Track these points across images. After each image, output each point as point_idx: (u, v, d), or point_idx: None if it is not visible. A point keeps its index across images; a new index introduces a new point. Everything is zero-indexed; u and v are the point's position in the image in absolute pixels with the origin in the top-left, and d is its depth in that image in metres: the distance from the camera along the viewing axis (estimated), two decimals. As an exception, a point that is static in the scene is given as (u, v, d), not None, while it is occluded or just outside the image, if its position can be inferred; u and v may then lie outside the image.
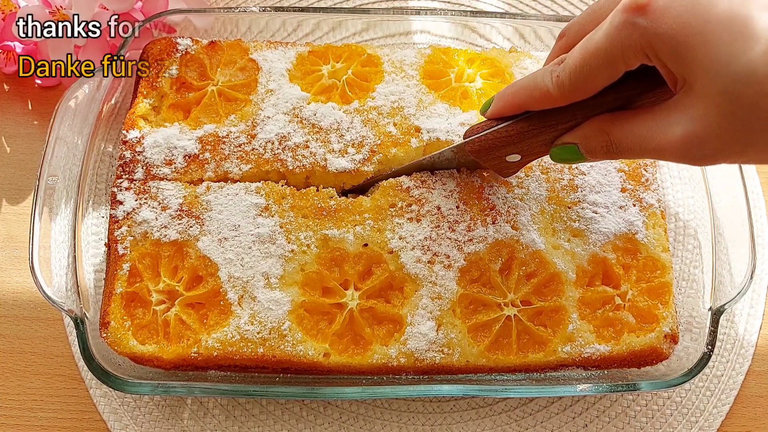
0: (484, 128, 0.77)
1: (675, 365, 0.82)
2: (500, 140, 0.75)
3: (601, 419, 0.90)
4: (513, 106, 0.73)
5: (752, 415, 0.92)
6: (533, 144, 0.74)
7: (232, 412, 0.89)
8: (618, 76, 0.63)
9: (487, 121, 0.77)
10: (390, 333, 0.82)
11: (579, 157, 0.71)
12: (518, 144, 0.75)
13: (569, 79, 0.65)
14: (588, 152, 0.70)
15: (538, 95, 0.69)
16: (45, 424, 0.88)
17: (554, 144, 0.73)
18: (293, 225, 0.84)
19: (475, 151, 0.79)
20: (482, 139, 0.77)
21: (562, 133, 0.72)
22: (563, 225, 0.86)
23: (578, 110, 0.69)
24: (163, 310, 0.81)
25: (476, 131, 0.78)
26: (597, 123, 0.68)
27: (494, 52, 0.98)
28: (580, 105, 0.68)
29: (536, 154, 0.77)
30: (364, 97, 0.92)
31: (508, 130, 0.74)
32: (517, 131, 0.74)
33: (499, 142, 0.76)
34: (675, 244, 0.98)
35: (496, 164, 0.81)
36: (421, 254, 0.83)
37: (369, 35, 1.06)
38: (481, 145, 0.77)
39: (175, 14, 0.95)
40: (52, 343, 0.91)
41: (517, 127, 0.73)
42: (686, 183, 1.01)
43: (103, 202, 0.95)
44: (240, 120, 0.90)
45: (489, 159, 0.79)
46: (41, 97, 1.06)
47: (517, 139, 0.74)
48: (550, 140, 0.73)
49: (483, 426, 0.89)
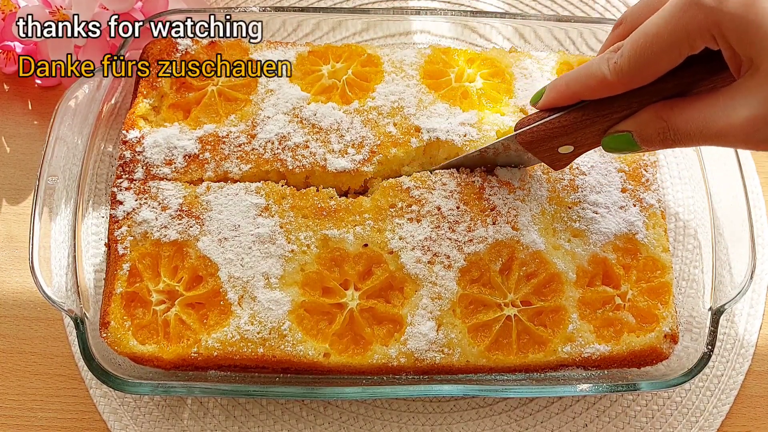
0: (535, 119, 0.76)
1: (675, 365, 0.83)
2: (553, 131, 0.74)
3: (601, 419, 0.90)
4: (566, 96, 0.72)
5: (752, 415, 0.92)
6: (586, 134, 0.73)
7: (232, 412, 0.89)
8: (679, 61, 0.62)
9: (537, 113, 0.76)
10: (390, 333, 0.82)
11: (633, 146, 0.70)
12: (571, 134, 0.74)
13: (629, 65, 0.64)
14: (643, 140, 0.69)
15: (594, 84, 0.68)
16: (45, 424, 0.88)
17: (607, 133, 0.72)
18: (293, 225, 0.84)
19: (527, 143, 0.78)
20: (534, 131, 0.76)
21: (616, 122, 0.71)
22: (564, 225, 0.86)
23: (634, 98, 0.68)
24: (163, 310, 0.81)
25: (527, 122, 0.77)
26: (654, 110, 0.67)
27: (494, 52, 0.98)
28: (635, 93, 0.67)
29: (589, 145, 0.76)
30: (364, 97, 0.92)
31: (561, 121, 0.73)
32: (571, 121, 0.73)
33: (552, 133, 0.75)
34: (675, 244, 0.98)
35: (547, 156, 0.79)
36: (421, 254, 0.83)
37: (369, 35, 1.06)
38: (533, 136, 0.76)
39: (175, 14, 0.95)
40: (52, 343, 0.91)
41: (571, 117, 0.72)
42: (686, 183, 1.01)
43: (103, 202, 0.95)
44: (240, 120, 0.90)
45: (541, 151, 0.78)
46: (41, 97, 1.06)
47: (571, 129, 0.73)
48: (604, 130, 0.72)
49: (483, 426, 0.89)
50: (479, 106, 0.92)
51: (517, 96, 0.94)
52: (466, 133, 0.89)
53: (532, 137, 0.77)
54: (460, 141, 0.89)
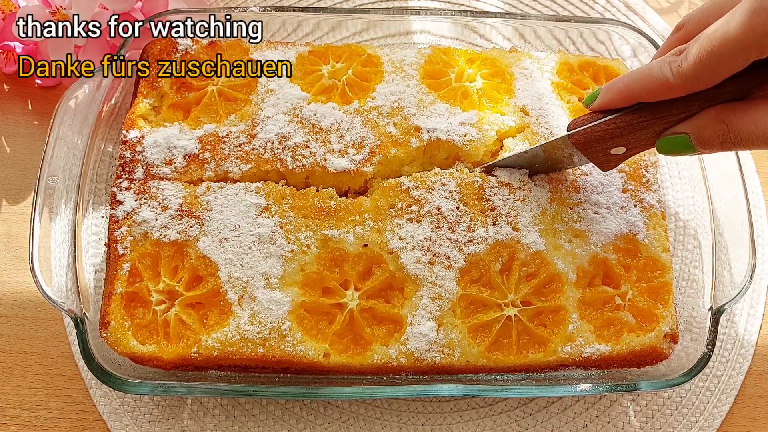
0: (589, 120, 0.76)
1: (675, 365, 0.82)
2: (608, 132, 0.75)
3: (601, 419, 0.90)
4: (624, 98, 0.72)
5: (752, 415, 0.92)
6: (641, 136, 0.74)
7: (232, 412, 0.89)
8: (745, 65, 0.63)
9: (591, 114, 0.77)
10: (390, 333, 0.82)
11: (689, 149, 0.71)
12: (626, 136, 0.74)
13: (693, 68, 0.64)
14: (701, 143, 0.69)
15: (654, 86, 0.68)
16: (45, 424, 0.88)
17: (663, 135, 0.72)
18: (293, 225, 0.84)
19: (581, 143, 0.78)
20: (589, 131, 0.76)
21: (672, 124, 0.71)
22: (564, 226, 0.86)
23: (693, 101, 0.68)
24: (163, 310, 0.81)
25: (581, 123, 0.77)
26: (714, 113, 0.67)
27: (494, 52, 0.98)
28: (695, 96, 0.68)
29: (642, 147, 0.76)
30: (364, 97, 0.92)
31: (617, 122, 0.74)
32: (627, 122, 0.73)
33: (607, 134, 0.75)
34: (675, 244, 0.98)
35: (599, 157, 0.80)
36: (421, 255, 0.83)
37: (369, 35, 1.06)
38: (587, 136, 0.77)
39: (175, 14, 0.95)
40: (52, 343, 0.91)
41: (627, 119, 0.73)
42: (686, 183, 1.01)
43: (103, 202, 0.95)
44: (240, 120, 0.90)
45: (593, 151, 0.79)
46: (41, 97, 1.06)
47: (627, 130, 0.73)
48: (659, 132, 0.72)
49: (483, 426, 0.89)
50: (479, 106, 0.92)
51: (518, 96, 0.94)
52: (467, 133, 0.89)
53: (586, 138, 0.77)
54: (460, 141, 0.89)
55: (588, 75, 0.98)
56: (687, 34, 0.70)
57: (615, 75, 0.97)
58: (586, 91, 0.96)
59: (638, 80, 0.70)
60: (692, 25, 0.70)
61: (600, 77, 0.98)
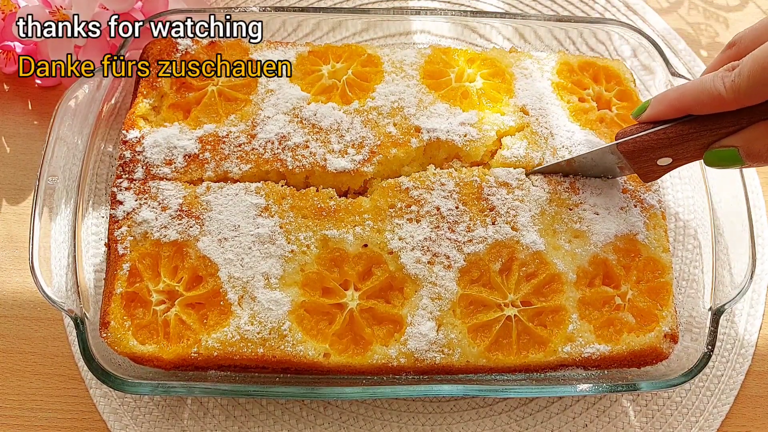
0: (638, 130, 0.78)
1: (675, 365, 0.82)
2: (657, 142, 0.76)
3: (601, 419, 0.90)
4: (675, 110, 0.74)
5: (752, 415, 0.92)
6: (689, 147, 0.76)
7: (232, 412, 0.89)
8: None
9: (639, 125, 0.78)
10: (390, 333, 0.82)
11: (737, 162, 0.73)
12: (675, 147, 0.76)
13: (747, 83, 0.67)
14: (749, 156, 0.72)
15: (706, 99, 0.71)
16: (45, 424, 0.88)
17: (711, 148, 0.74)
18: (293, 225, 0.84)
19: (629, 152, 0.79)
20: (638, 141, 0.78)
21: (721, 137, 0.73)
22: (564, 226, 0.86)
23: (743, 115, 0.71)
24: (163, 310, 0.81)
25: (629, 133, 0.79)
26: (764, 127, 0.70)
27: (494, 52, 0.98)
28: (745, 110, 0.70)
29: (689, 159, 0.78)
30: (364, 98, 0.92)
31: (666, 133, 0.76)
32: (676, 134, 0.75)
33: (656, 144, 0.77)
34: (675, 244, 0.98)
35: (644, 167, 0.81)
36: (420, 255, 0.83)
37: (369, 35, 1.06)
38: (635, 146, 0.78)
39: (175, 14, 0.95)
40: (52, 343, 0.91)
41: (677, 130, 0.75)
42: (686, 183, 1.01)
43: (103, 202, 0.95)
44: (240, 120, 0.90)
45: (639, 161, 0.80)
46: (41, 97, 1.06)
47: (676, 141, 0.75)
48: (707, 144, 0.74)
49: (483, 426, 0.89)
50: (479, 106, 0.92)
51: (518, 96, 0.94)
52: (467, 133, 0.89)
53: (634, 147, 0.79)
54: (460, 141, 0.89)
55: (588, 75, 0.98)
56: (739, 52, 0.73)
57: (615, 75, 0.97)
58: (586, 91, 0.96)
59: (690, 93, 0.73)
60: (745, 43, 0.72)
61: (600, 78, 0.98)
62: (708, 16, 1.19)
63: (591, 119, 0.93)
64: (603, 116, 0.94)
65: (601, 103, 0.96)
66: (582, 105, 0.95)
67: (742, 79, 0.67)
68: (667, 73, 0.95)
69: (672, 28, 1.16)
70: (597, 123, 0.93)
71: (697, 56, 1.14)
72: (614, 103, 0.96)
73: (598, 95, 0.96)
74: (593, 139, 0.91)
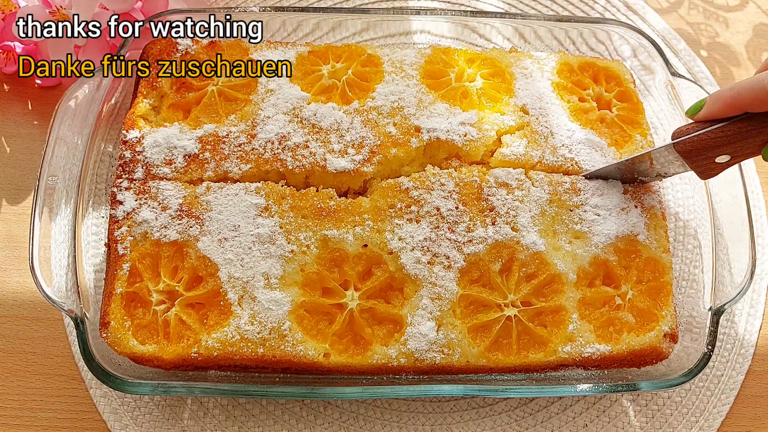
0: (695, 129, 0.78)
1: (675, 365, 0.83)
2: (715, 140, 0.76)
3: (601, 419, 0.90)
4: (732, 108, 0.75)
5: (752, 415, 0.92)
6: (748, 144, 0.76)
7: (232, 412, 0.89)
8: None
9: (695, 124, 0.78)
10: (390, 333, 0.82)
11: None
12: (733, 144, 0.76)
13: None
14: None
15: (764, 97, 0.71)
16: (45, 424, 0.88)
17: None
18: (293, 225, 0.84)
19: (686, 152, 0.79)
20: (695, 140, 0.78)
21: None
22: (564, 227, 0.86)
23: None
24: (163, 310, 0.81)
25: (686, 132, 0.79)
26: None
27: (494, 52, 0.98)
28: None
29: (747, 155, 0.78)
30: (364, 97, 0.92)
31: (724, 131, 0.76)
32: (735, 131, 0.75)
33: (714, 143, 0.77)
34: (675, 244, 0.98)
35: (702, 165, 0.81)
36: (420, 255, 0.83)
37: (369, 35, 1.06)
38: (693, 145, 0.78)
39: (175, 14, 0.95)
40: (52, 343, 0.91)
41: (735, 128, 0.75)
42: (686, 183, 1.01)
43: (103, 202, 0.95)
44: (240, 120, 0.90)
45: (697, 159, 0.80)
46: (41, 97, 1.06)
47: (734, 139, 0.75)
48: (766, 141, 0.75)
49: (483, 426, 0.89)
50: (479, 105, 0.92)
51: (518, 95, 0.94)
52: (467, 132, 0.89)
53: (692, 146, 0.78)
54: (460, 141, 0.89)
55: (588, 76, 0.98)
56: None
57: (615, 76, 0.97)
58: (587, 91, 0.96)
59: (747, 92, 0.73)
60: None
61: (600, 78, 0.98)
62: (708, 16, 1.19)
63: (591, 119, 0.93)
64: (603, 116, 0.94)
65: (601, 103, 0.96)
66: (582, 105, 0.95)
67: None
68: (667, 73, 0.96)
69: (672, 28, 1.16)
70: (597, 123, 0.93)
71: (697, 56, 1.14)
72: (614, 104, 0.96)
73: (598, 96, 0.96)
74: (594, 139, 0.91)
